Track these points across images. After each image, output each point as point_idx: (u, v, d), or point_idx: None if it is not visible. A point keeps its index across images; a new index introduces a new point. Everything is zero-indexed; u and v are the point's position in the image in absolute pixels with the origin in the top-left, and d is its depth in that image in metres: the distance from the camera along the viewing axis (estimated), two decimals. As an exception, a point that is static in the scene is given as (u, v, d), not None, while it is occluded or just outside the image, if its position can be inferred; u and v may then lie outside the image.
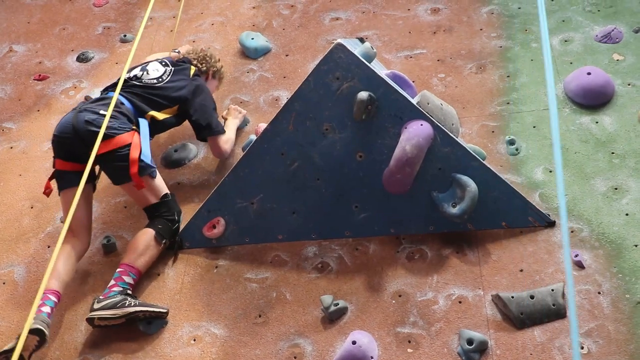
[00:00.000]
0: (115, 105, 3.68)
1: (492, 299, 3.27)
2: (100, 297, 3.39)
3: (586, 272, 3.28)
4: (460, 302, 3.30)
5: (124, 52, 5.03)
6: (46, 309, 3.36)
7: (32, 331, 3.24)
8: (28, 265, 3.83)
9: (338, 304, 3.35)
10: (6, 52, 5.26)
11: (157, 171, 3.71)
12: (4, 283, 3.78)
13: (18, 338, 3.14)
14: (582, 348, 3.04)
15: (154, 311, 3.42)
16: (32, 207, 4.13)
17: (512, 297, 3.19)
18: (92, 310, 3.35)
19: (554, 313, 3.15)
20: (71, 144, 3.63)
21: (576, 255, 3.33)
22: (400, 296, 3.37)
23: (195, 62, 4.16)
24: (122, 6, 5.45)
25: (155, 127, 3.90)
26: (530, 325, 3.15)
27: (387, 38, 4.69)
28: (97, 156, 3.08)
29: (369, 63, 3.50)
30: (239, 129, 4.27)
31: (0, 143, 4.57)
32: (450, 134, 3.47)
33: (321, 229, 3.64)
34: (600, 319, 3.11)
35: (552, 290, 3.19)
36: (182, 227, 3.77)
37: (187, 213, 3.85)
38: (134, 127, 3.69)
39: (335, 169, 3.55)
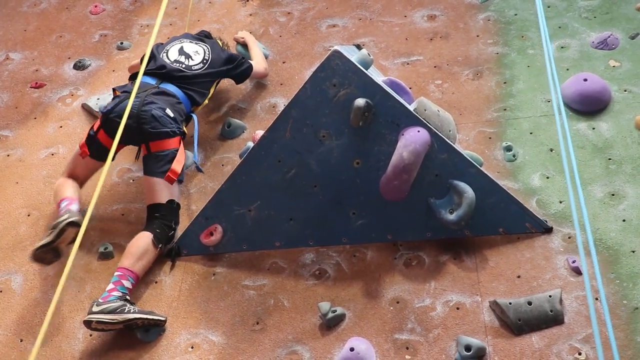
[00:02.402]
0: (175, 102, 3.92)
1: (490, 305, 3.27)
2: (100, 301, 3.38)
3: (583, 278, 3.27)
4: (457, 309, 3.29)
5: (120, 60, 5.03)
6: (74, 207, 3.67)
7: (71, 224, 3.53)
8: (25, 273, 3.82)
9: (336, 310, 3.35)
10: (3, 59, 5.26)
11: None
12: (0, 291, 3.77)
13: (52, 230, 3.55)
14: (580, 354, 3.04)
15: (152, 319, 3.41)
16: (29, 215, 4.12)
17: (510, 303, 3.19)
18: (91, 312, 3.34)
19: (552, 319, 3.15)
20: (126, 129, 3.59)
21: (573, 262, 3.33)
22: (397, 303, 3.37)
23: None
24: (119, 14, 5.46)
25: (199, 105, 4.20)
26: (528, 331, 3.15)
27: (383, 45, 4.71)
28: (146, 146, 3.77)
29: (366, 70, 3.50)
30: (236, 137, 4.28)
31: (-3, 151, 4.58)
32: (447, 141, 3.47)
33: (318, 235, 3.64)
34: (598, 325, 3.11)
35: (550, 296, 3.19)
36: (179, 234, 3.77)
37: (185, 220, 3.85)
38: (184, 129, 3.91)
39: (333, 176, 3.55)
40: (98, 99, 4.69)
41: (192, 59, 4.16)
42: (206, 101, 4.19)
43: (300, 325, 3.38)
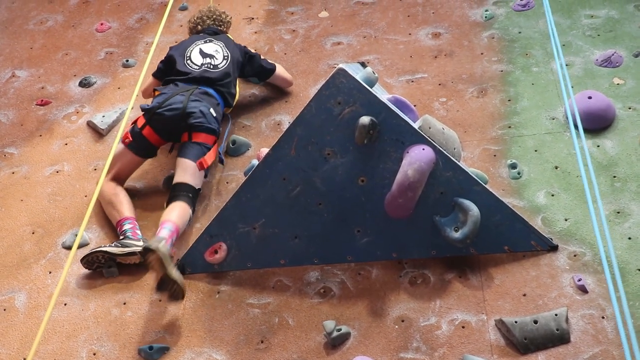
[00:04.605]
0: (215, 104, 4.15)
1: (496, 324, 3.26)
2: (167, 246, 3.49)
3: (589, 296, 3.26)
4: (463, 327, 3.28)
5: (126, 77, 5.05)
6: (139, 233, 3.87)
7: (140, 253, 3.69)
8: (29, 291, 3.82)
9: (341, 329, 3.33)
10: (9, 77, 5.28)
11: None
12: (4, 309, 3.76)
13: (123, 247, 3.73)
14: (587, 374, 3.02)
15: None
16: (33, 233, 4.12)
17: (516, 322, 3.18)
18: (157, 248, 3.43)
19: (558, 338, 3.13)
20: (172, 121, 4.01)
21: (579, 280, 3.31)
22: (403, 321, 3.35)
23: (223, 28, 4.71)
24: (125, 31, 5.49)
25: None
26: (534, 350, 3.13)
27: (388, 62, 4.72)
28: (188, 135, 3.99)
29: (371, 88, 3.51)
30: (241, 154, 4.29)
31: (2, 168, 4.57)
32: (452, 158, 3.47)
33: (323, 253, 3.63)
34: (605, 344, 3.09)
35: (556, 315, 3.17)
36: (184, 252, 3.76)
37: (189, 238, 3.84)
38: (220, 128, 4.16)
39: (337, 194, 3.55)
40: (103, 116, 4.71)
41: (215, 58, 4.35)
42: (234, 103, 4.37)
43: (305, 344, 3.36)
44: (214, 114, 4.08)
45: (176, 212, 3.72)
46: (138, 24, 5.53)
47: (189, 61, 4.32)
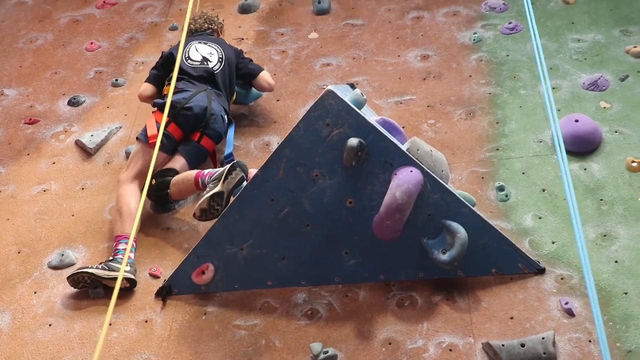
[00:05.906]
0: (226, 105, 4.34)
1: (483, 347, 3.25)
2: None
3: (576, 319, 3.27)
4: (450, 350, 3.27)
5: (115, 97, 5.04)
6: (132, 255, 3.86)
7: (129, 280, 3.73)
8: (13, 311, 3.78)
9: (327, 351, 3.31)
10: (-3, 95, 5.27)
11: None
12: (-12, 329, 3.72)
13: (109, 269, 3.71)
14: (574, 398, 3.01)
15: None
16: (19, 252, 4.09)
17: (503, 345, 3.17)
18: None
19: (545, 362, 3.13)
20: (198, 119, 4.15)
21: (566, 303, 3.32)
22: (390, 344, 3.34)
23: (214, 27, 4.77)
24: (114, 51, 5.49)
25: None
26: (521, 374, 3.13)
27: (377, 84, 4.74)
28: (200, 135, 4.17)
29: (359, 109, 3.52)
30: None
31: (-11, 187, 4.55)
32: (440, 181, 3.48)
33: (311, 275, 3.62)
34: (592, 367, 3.09)
35: (543, 338, 3.17)
36: (171, 272, 3.74)
37: (177, 259, 3.83)
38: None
39: (325, 215, 3.55)
40: (92, 135, 4.70)
41: (210, 61, 4.44)
42: (230, 104, 4.49)
43: (292, 366, 3.35)
44: (225, 120, 4.27)
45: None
46: (128, 44, 5.53)
47: (189, 60, 4.42)
